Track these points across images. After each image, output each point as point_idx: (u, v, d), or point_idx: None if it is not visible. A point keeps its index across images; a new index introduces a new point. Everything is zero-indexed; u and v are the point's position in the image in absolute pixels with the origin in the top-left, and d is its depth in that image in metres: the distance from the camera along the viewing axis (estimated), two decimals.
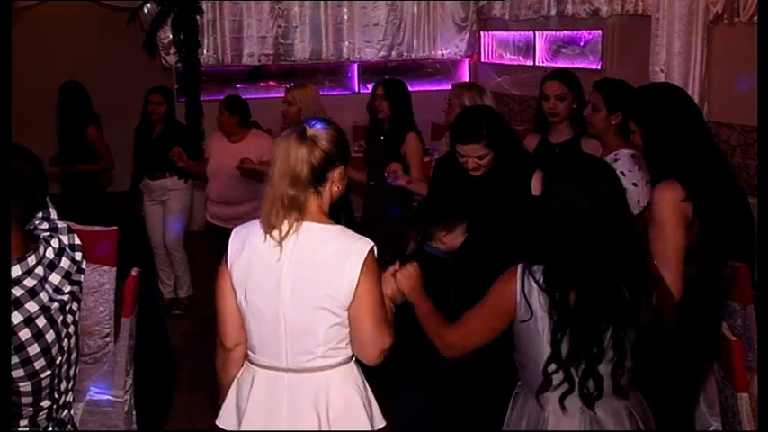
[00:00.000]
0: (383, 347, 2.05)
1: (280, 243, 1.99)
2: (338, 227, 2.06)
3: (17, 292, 1.62)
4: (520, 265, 2.03)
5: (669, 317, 2.23)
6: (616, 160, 3.31)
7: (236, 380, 2.17)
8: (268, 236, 2.01)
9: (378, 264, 2.07)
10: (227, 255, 2.11)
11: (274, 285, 2.02)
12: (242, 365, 2.17)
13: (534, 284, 1.97)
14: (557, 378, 1.97)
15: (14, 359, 1.60)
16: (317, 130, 2.02)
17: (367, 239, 2.04)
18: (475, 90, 4.28)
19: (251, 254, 2.05)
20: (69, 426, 1.86)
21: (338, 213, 4.16)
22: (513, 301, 2.01)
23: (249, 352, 2.14)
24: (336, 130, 2.09)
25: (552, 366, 1.97)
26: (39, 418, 1.72)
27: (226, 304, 2.14)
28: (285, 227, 1.99)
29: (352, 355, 2.10)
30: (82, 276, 1.82)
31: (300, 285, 2.00)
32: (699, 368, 2.73)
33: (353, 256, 1.99)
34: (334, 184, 2.06)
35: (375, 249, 2.03)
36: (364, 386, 2.13)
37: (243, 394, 2.12)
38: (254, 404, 2.08)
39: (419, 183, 4.03)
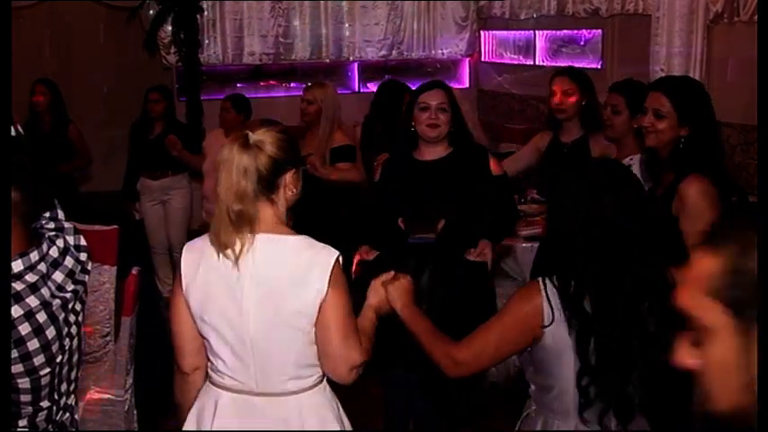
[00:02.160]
0: (354, 363, 1.92)
1: (236, 262, 1.85)
2: (299, 237, 1.91)
3: (18, 286, 1.63)
4: (540, 278, 1.93)
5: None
6: (630, 166, 3.30)
7: (196, 404, 2.02)
8: (221, 254, 1.87)
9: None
10: (180, 275, 1.96)
11: (236, 306, 1.88)
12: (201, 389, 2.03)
13: (557, 293, 1.88)
14: (592, 392, 1.87)
15: (14, 354, 1.60)
16: (261, 134, 1.87)
17: (331, 249, 1.90)
18: None
19: (207, 274, 1.91)
20: (72, 429, 1.85)
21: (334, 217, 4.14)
22: (539, 315, 1.88)
23: (211, 373, 1.99)
24: (282, 131, 1.95)
25: (585, 380, 1.86)
26: (38, 419, 1.72)
27: (182, 328, 1.99)
28: (238, 244, 1.84)
29: (324, 374, 1.98)
30: (86, 277, 1.82)
31: (265, 304, 1.86)
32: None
33: (319, 267, 1.85)
34: (287, 189, 1.91)
35: (341, 258, 1.91)
36: (337, 406, 2.02)
37: (206, 419, 1.96)
38: (219, 428, 1.94)
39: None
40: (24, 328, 1.62)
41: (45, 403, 1.72)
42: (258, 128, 1.92)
